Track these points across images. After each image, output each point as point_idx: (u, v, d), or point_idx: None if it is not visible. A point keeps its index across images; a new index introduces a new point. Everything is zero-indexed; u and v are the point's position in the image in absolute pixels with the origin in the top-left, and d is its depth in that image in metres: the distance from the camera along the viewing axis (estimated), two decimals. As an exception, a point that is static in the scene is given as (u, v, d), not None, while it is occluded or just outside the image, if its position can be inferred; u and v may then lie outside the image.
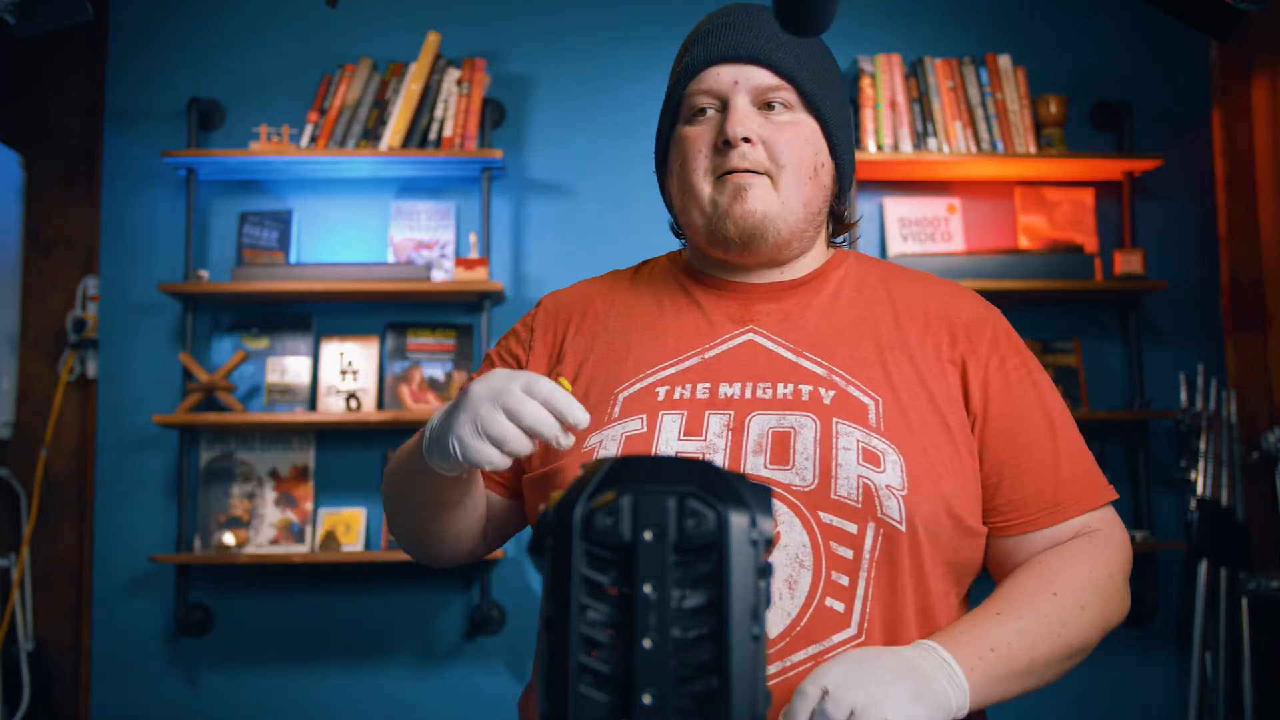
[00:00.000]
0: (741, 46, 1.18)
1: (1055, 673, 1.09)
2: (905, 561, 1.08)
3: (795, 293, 1.22)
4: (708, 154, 1.18)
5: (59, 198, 3.24)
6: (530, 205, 3.21)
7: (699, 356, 1.18)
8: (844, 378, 1.14)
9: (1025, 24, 3.29)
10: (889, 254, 3.16)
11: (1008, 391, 1.17)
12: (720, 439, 1.11)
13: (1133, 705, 3.11)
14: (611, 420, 1.15)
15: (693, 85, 1.20)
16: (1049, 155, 3.09)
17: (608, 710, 0.75)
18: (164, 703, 3.04)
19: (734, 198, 1.16)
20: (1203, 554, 3.01)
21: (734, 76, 1.18)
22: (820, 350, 1.17)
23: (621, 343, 1.22)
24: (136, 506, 3.09)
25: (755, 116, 1.17)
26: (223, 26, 3.23)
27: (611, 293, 1.29)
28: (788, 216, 1.17)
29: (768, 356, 1.17)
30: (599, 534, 0.77)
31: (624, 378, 1.18)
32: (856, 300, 1.22)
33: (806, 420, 1.11)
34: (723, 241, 1.18)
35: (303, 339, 3.14)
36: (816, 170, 1.19)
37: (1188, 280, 3.23)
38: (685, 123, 1.21)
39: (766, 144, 1.16)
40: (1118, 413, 3.09)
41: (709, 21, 1.22)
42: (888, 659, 0.98)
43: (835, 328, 1.19)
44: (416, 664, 3.07)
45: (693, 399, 1.14)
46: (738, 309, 1.21)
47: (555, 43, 3.26)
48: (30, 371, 3.19)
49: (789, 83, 1.18)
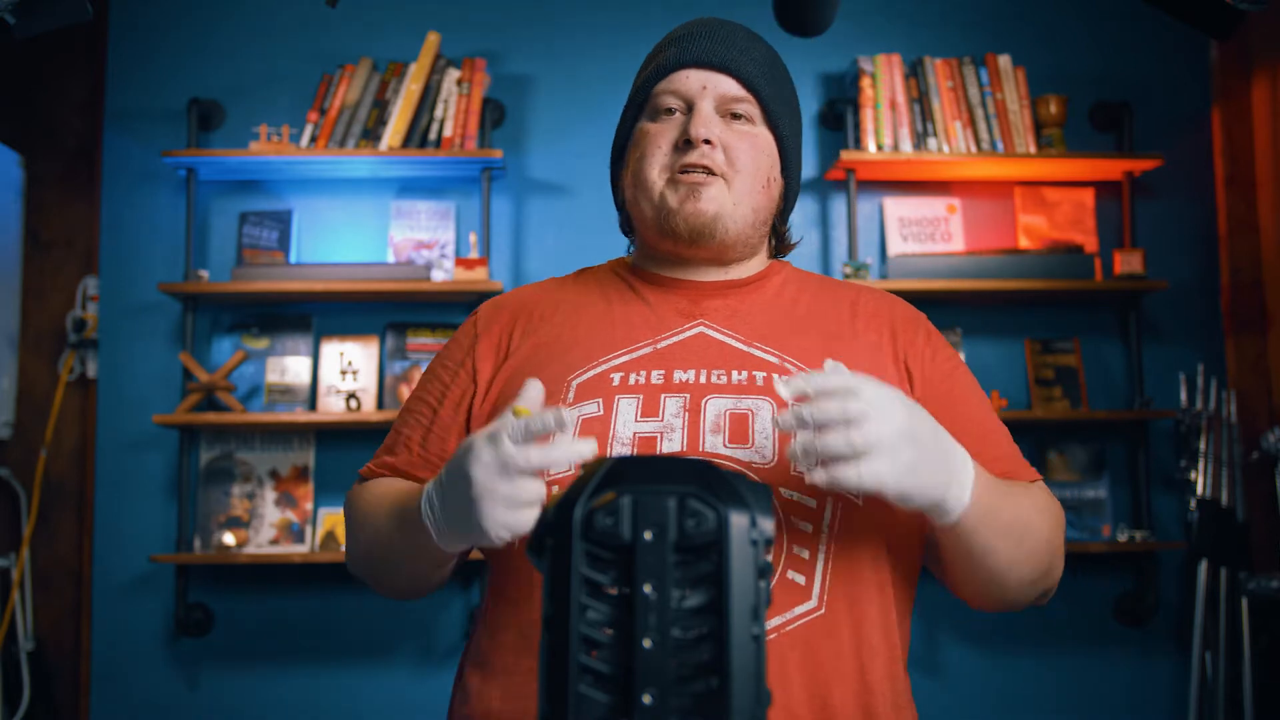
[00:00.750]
0: (714, 54, 1.22)
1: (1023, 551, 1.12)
2: (864, 534, 1.11)
3: (740, 291, 1.26)
4: (667, 151, 1.21)
5: (59, 198, 3.24)
6: (530, 205, 3.21)
7: (651, 346, 1.20)
8: (794, 365, 1.17)
9: (1025, 24, 3.29)
10: (889, 254, 3.16)
11: (946, 379, 1.23)
12: (678, 419, 1.13)
13: (1133, 705, 3.11)
14: (566, 405, 1.15)
15: (662, 85, 1.23)
16: (1049, 155, 3.09)
17: (608, 710, 0.75)
18: (164, 703, 3.04)
19: (687, 196, 1.20)
20: (1203, 554, 3.01)
21: (703, 81, 1.21)
22: (770, 340, 1.20)
23: (570, 335, 1.22)
24: (136, 506, 3.09)
25: (719, 122, 1.21)
26: (223, 26, 3.23)
27: (555, 293, 1.30)
28: (737, 218, 1.21)
29: (719, 347, 1.19)
30: (599, 534, 0.77)
31: (576, 366, 1.19)
32: (799, 298, 1.27)
33: (763, 403, 1.13)
34: (671, 234, 1.21)
35: (303, 339, 3.14)
36: (769, 182, 1.24)
37: (1188, 280, 3.23)
38: (649, 119, 1.24)
39: (726, 149, 1.20)
40: (1118, 413, 3.09)
41: (684, 28, 1.26)
42: (919, 419, 1.01)
43: (783, 321, 1.23)
44: (416, 664, 3.07)
45: (648, 384, 1.16)
46: (686, 304, 1.24)
47: (555, 43, 3.26)
48: (30, 371, 3.19)
49: (754, 96, 1.22)
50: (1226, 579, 2.99)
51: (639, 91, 1.26)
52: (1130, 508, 3.14)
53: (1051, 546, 1.17)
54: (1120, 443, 3.18)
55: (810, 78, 3.26)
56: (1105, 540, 3.10)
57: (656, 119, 1.23)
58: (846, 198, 3.13)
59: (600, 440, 1.12)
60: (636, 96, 1.26)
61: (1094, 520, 3.13)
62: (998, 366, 3.19)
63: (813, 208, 3.23)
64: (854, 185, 3.11)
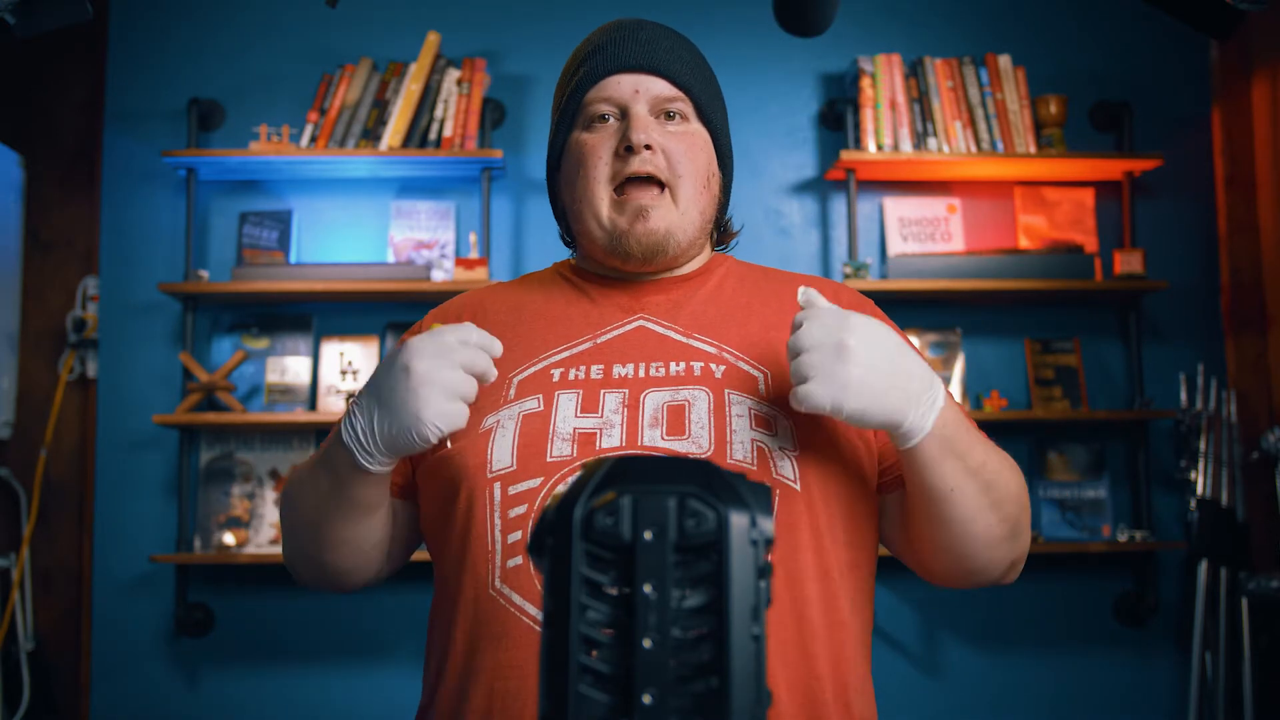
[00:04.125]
0: (642, 57, 1.22)
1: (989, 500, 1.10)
2: (803, 521, 1.11)
3: (682, 285, 1.27)
4: (608, 160, 1.21)
5: (59, 198, 3.24)
6: (530, 205, 3.21)
7: (590, 341, 1.21)
8: (733, 354, 1.18)
9: (1025, 24, 3.29)
10: (889, 254, 3.16)
11: None
12: (616, 415, 1.14)
13: (1132, 705, 3.11)
14: (508, 401, 1.16)
15: (592, 93, 1.22)
16: (1049, 155, 3.09)
17: (608, 710, 0.75)
18: (164, 703, 3.04)
19: (635, 218, 1.20)
20: (1203, 554, 3.01)
21: (634, 85, 1.21)
22: (709, 331, 1.21)
23: (511, 333, 1.23)
24: (136, 506, 3.09)
25: (655, 125, 1.21)
26: (223, 26, 3.23)
27: (498, 292, 1.32)
28: (686, 228, 1.22)
29: (658, 339, 1.20)
30: (599, 534, 0.77)
31: (516, 362, 1.20)
32: (740, 290, 1.28)
33: (700, 393, 1.14)
34: (623, 256, 1.22)
35: (303, 339, 3.14)
36: (709, 180, 1.24)
37: (1188, 280, 3.23)
38: (583, 129, 1.23)
39: (666, 153, 1.20)
40: (1118, 413, 3.09)
41: (605, 33, 1.26)
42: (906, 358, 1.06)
43: (722, 312, 1.24)
44: (416, 664, 3.06)
45: (587, 379, 1.17)
46: (627, 300, 1.25)
47: (555, 43, 3.25)
48: (30, 371, 3.19)
49: (685, 94, 1.23)
50: (1226, 579, 2.99)
51: (569, 100, 1.24)
52: (1130, 508, 3.15)
53: (1020, 503, 1.15)
54: (1120, 443, 3.18)
55: (810, 78, 3.26)
56: (1105, 540, 3.10)
57: (591, 128, 1.22)
58: (846, 198, 3.13)
59: (540, 436, 1.13)
60: (568, 106, 1.24)
61: (1094, 520, 3.12)
62: (998, 366, 3.19)
63: (813, 208, 3.23)
64: (854, 185, 3.11)
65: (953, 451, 1.07)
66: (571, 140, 1.25)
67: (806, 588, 1.10)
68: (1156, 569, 3.14)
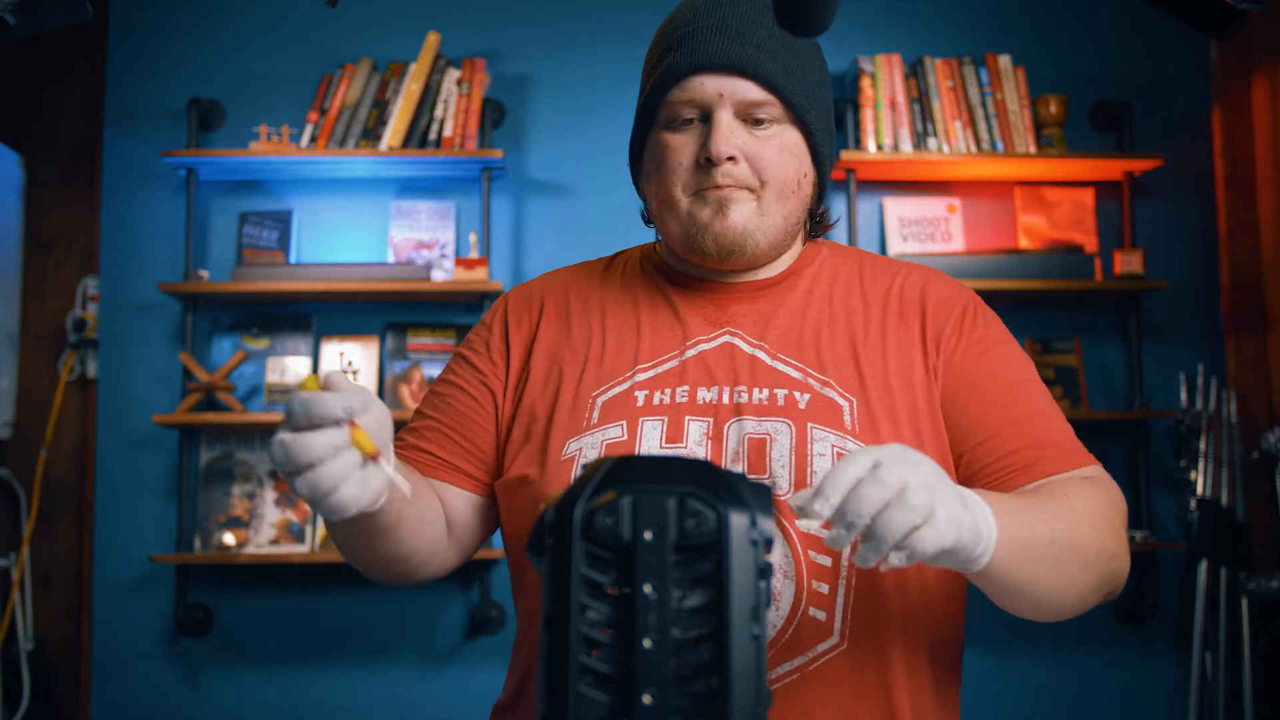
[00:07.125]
0: (729, 55, 1.12)
1: (1070, 572, 1.03)
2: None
3: (769, 292, 1.21)
4: (689, 167, 1.14)
5: (59, 198, 3.24)
6: (530, 205, 3.21)
7: (677, 359, 1.17)
8: (819, 379, 1.14)
9: (1025, 24, 3.29)
10: (889, 254, 3.16)
11: (968, 365, 1.15)
12: (700, 447, 1.10)
13: (1132, 705, 3.11)
14: (591, 426, 1.13)
15: (674, 93, 1.14)
16: (1049, 155, 3.09)
17: (608, 710, 0.75)
18: (164, 702, 3.04)
19: (715, 212, 1.14)
20: (1203, 554, 3.01)
21: (719, 88, 1.12)
22: (795, 352, 1.16)
23: (598, 340, 1.20)
24: (136, 506, 3.08)
25: (740, 131, 1.13)
26: (223, 26, 3.23)
27: (584, 285, 1.26)
28: (767, 230, 1.15)
29: (744, 359, 1.16)
30: (599, 534, 0.77)
31: (601, 380, 1.16)
32: (830, 295, 1.21)
33: (782, 426, 1.10)
34: (700, 253, 1.17)
35: (303, 339, 3.14)
36: (799, 183, 1.16)
37: (1188, 280, 3.23)
38: (665, 128, 1.17)
39: (750, 159, 1.13)
40: (1118, 413, 3.09)
41: (692, 19, 1.15)
42: (934, 464, 0.91)
43: (810, 327, 1.18)
44: (416, 664, 3.07)
45: (672, 404, 1.13)
46: (713, 310, 1.20)
47: (555, 43, 3.26)
48: (30, 371, 3.19)
49: (776, 95, 1.13)
50: (1226, 579, 2.99)
51: (651, 95, 1.16)
52: (1130, 508, 3.14)
53: (1106, 552, 1.07)
54: (1120, 443, 3.18)
55: (810, 78, 3.26)
56: (1105, 540, 3.09)
57: (672, 128, 1.16)
58: (846, 198, 3.13)
59: None
60: (649, 102, 1.17)
61: (1094, 520, 3.12)
62: (998, 366, 3.19)
63: (813, 208, 3.23)
64: (854, 185, 3.11)
65: (1018, 553, 0.97)
66: (653, 137, 1.18)
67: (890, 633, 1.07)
68: (1157, 569, 3.14)
